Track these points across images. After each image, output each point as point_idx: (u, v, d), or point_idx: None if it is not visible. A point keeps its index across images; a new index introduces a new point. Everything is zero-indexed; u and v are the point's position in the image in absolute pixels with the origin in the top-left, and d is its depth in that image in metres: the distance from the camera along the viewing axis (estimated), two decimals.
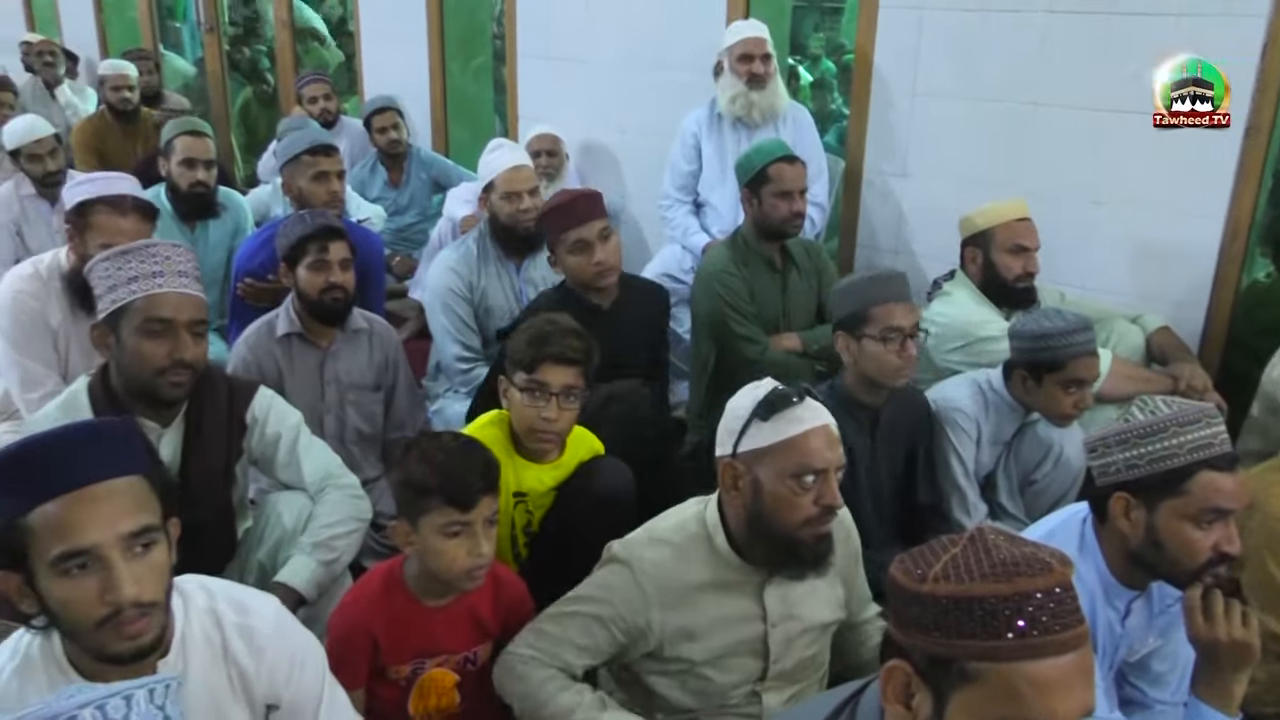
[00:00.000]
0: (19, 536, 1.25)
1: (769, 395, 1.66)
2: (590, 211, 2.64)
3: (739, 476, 1.68)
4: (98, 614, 1.25)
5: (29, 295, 2.70)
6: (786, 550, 1.68)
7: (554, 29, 4.46)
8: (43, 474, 1.26)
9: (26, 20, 7.71)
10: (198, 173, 3.55)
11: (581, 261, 2.61)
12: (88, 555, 1.24)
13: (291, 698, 1.50)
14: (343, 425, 2.68)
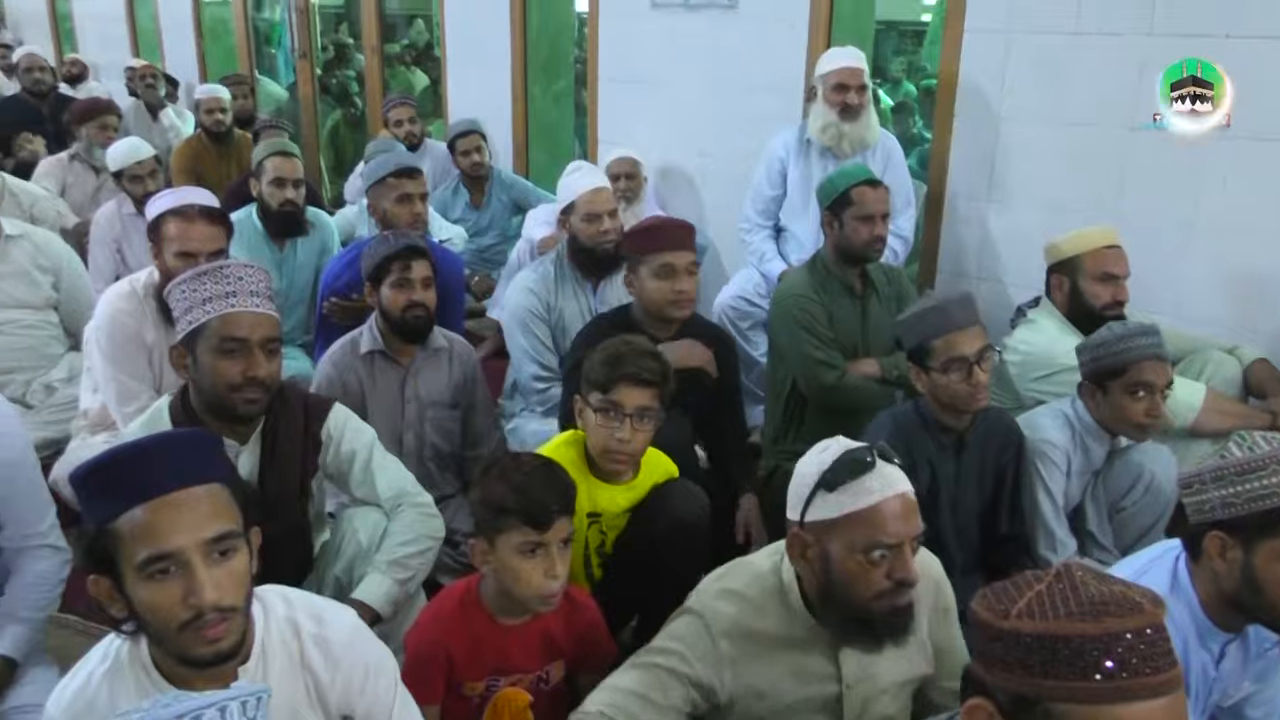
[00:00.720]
0: (108, 541, 1.30)
1: (835, 463, 1.57)
2: (684, 240, 2.63)
3: (807, 547, 1.61)
4: (180, 617, 1.28)
5: (125, 313, 2.80)
6: (860, 623, 1.59)
7: (635, 53, 4.50)
8: (129, 481, 1.30)
9: (132, 46, 8.08)
10: (287, 192, 3.65)
11: (664, 287, 2.58)
12: (171, 559, 1.28)
13: (365, 708, 1.51)
14: (421, 442, 2.72)
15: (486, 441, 2.84)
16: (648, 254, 2.59)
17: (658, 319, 2.62)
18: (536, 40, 5.21)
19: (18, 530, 2.07)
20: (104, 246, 4.01)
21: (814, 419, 2.95)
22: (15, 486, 2.05)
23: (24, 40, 8.61)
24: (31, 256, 3.36)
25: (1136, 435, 2.35)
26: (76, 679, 1.41)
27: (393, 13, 7.18)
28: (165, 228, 2.70)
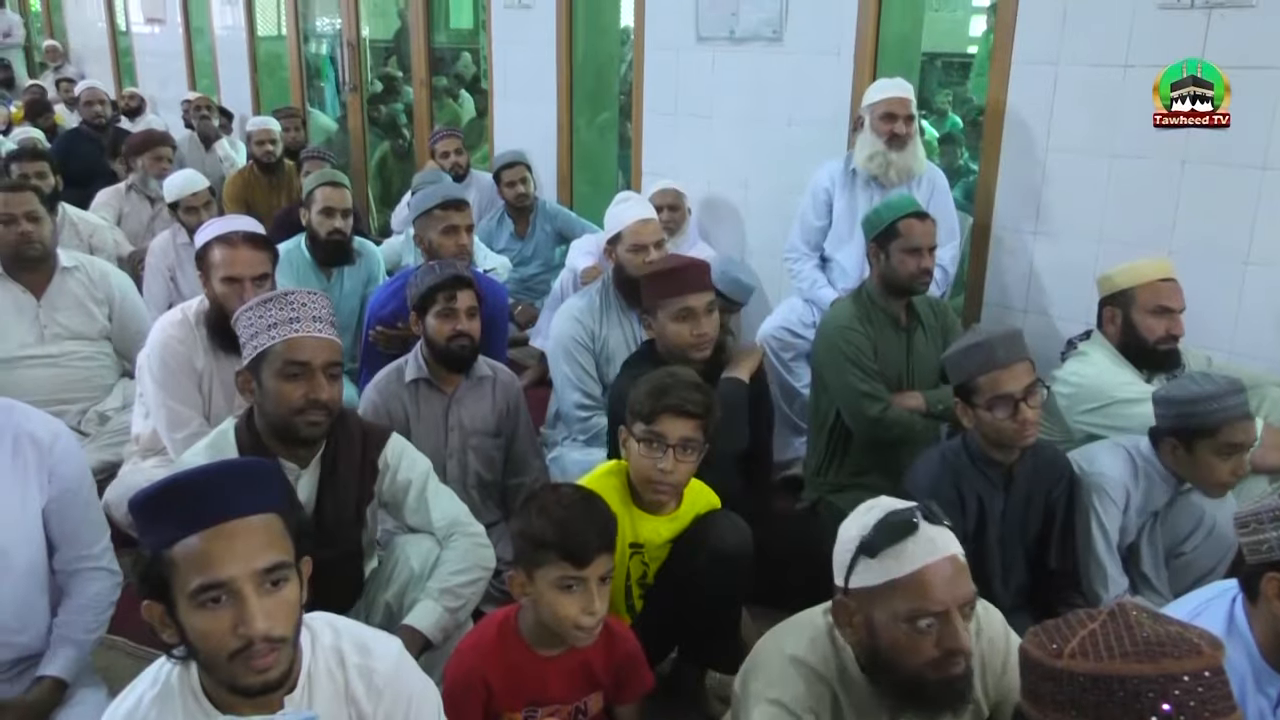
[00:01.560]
0: (163, 568, 1.31)
1: (877, 527, 1.49)
2: (701, 281, 2.60)
3: (852, 614, 1.53)
4: (230, 646, 1.29)
5: (176, 340, 2.85)
6: (914, 693, 1.50)
7: (680, 86, 4.53)
8: (186, 510, 1.32)
9: (189, 80, 8.29)
10: (335, 221, 3.71)
11: (683, 330, 2.56)
12: (224, 589, 1.29)
13: None
14: (464, 470, 2.73)
15: (529, 470, 2.84)
16: (666, 298, 2.57)
17: (678, 360, 2.56)
18: (582, 72, 5.27)
19: (73, 553, 2.10)
20: (158, 275, 4.10)
21: (857, 452, 2.93)
22: (72, 511, 2.09)
23: (86, 74, 8.88)
24: (87, 288, 3.44)
25: (1215, 492, 2.29)
26: (127, 701, 1.43)
27: (441, 46, 7.31)
28: (211, 254, 2.76)
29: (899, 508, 1.52)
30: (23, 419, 2.06)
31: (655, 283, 2.62)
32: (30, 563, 2.04)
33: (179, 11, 8.29)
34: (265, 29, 7.75)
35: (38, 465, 2.04)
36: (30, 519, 2.04)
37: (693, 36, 4.38)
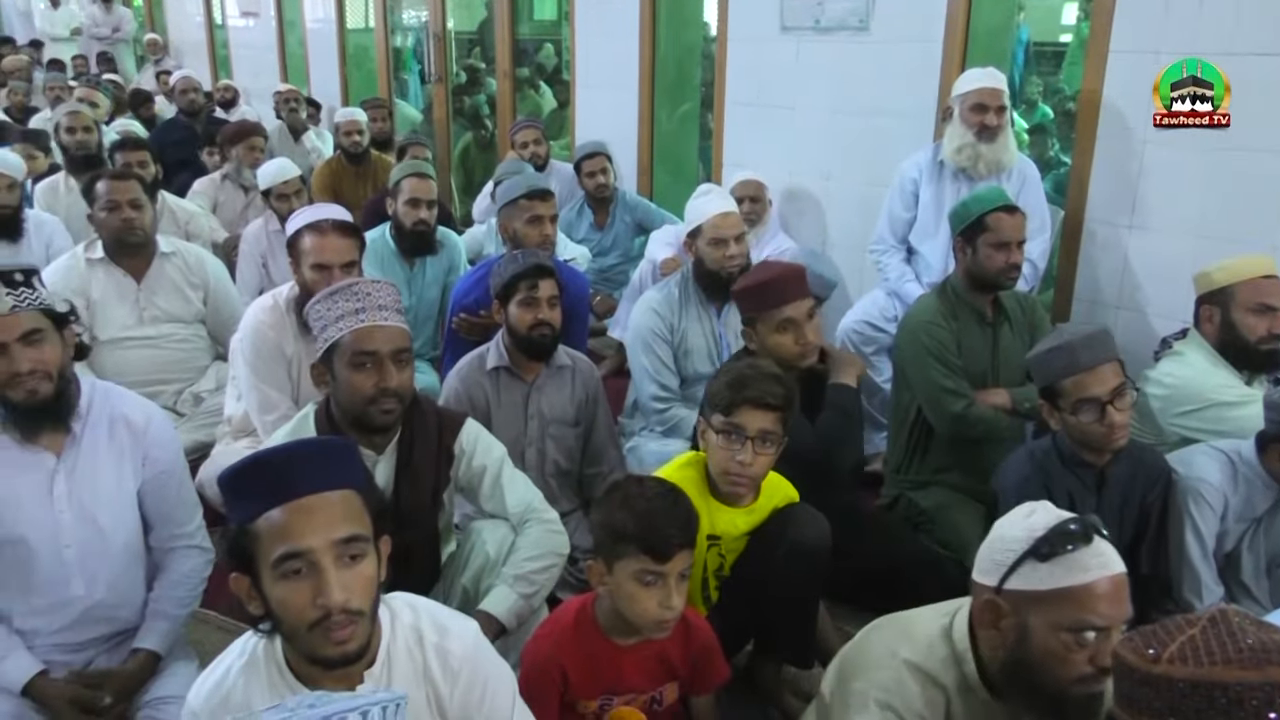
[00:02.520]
0: (249, 541, 1.36)
1: (1051, 532, 1.44)
2: (799, 290, 2.53)
3: (1002, 616, 1.48)
4: (309, 617, 1.33)
5: (267, 326, 2.93)
6: (1051, 706, 1.46)
7: (764, 76, 4.49)
8: (269, 484, 1.37)
9: (280, 72, 8.51)
10: (421, 212, 3.76)
11: (786, 341, 2.50)
12: (303, 559, 1.33)
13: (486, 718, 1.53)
14: (543, 458, 2.76)
15: (606, 459, 2.86)
16: (765, 310, 2.51)
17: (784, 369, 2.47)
18: (663, 63, 5.26)
19: (167, 531, 2.18)
20: (251, 261, 4.22)
21: (939, 449, 2.88)
22: (166, 491, 2.17)
23: (183, 66, 9.17)
24: (184, 273, 3.55)
25: None
26: (215, 672, 1.48)
27: (524, 38, 7.37)
28: (301, 242, 2.82)
29: (1068, 516, 1.48)
30: (119, 402, 2.14)
31: (752, 295, 2.56)
32: (127, 541, 2.13)
33: (273, 5, 8.51)
34: (354, 22, 7.91)
35: (133, 448, 2.12)
36: (127, 499, 2.12)
37: (776, 27, 4.34)
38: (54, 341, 1.98)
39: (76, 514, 2.03)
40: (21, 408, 1.95)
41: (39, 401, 1.95)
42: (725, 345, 3.10)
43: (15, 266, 1.98)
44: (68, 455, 2.04)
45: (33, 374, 1.92)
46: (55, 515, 2.02)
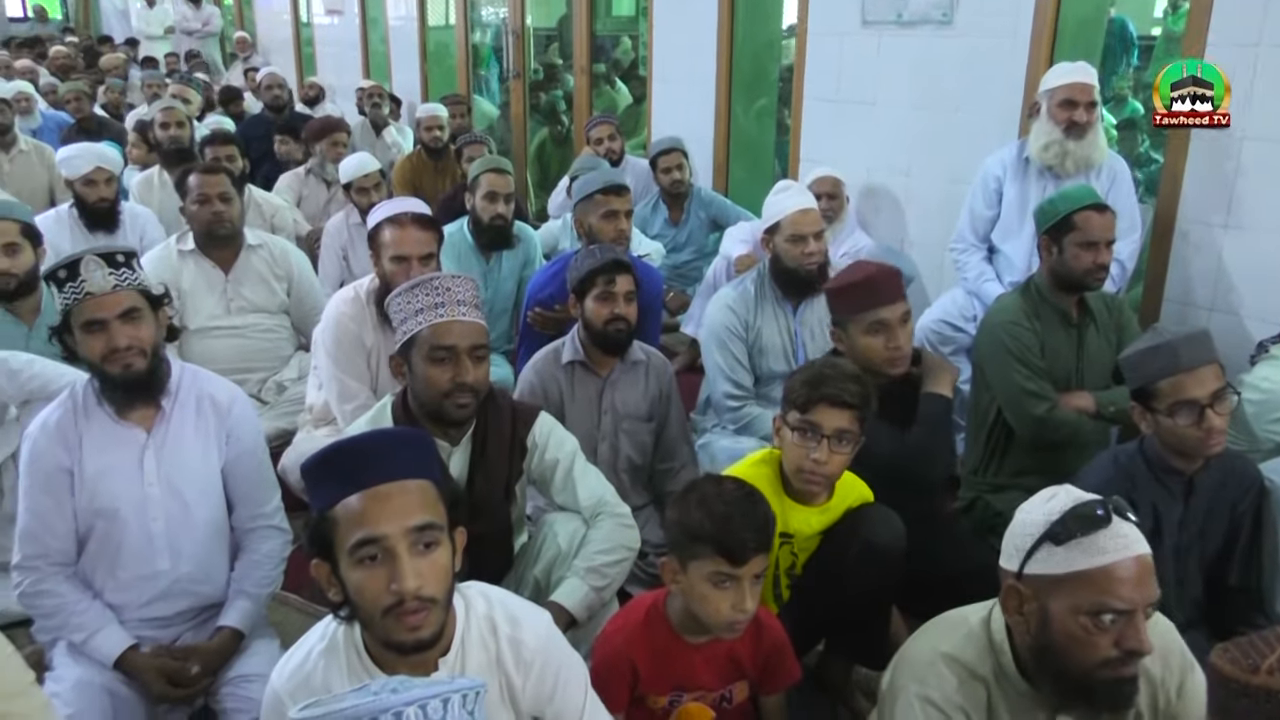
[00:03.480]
0: (328, 527, 1.40)
1: (1066, 515, 1.43)
2: (894, 292, 2.46)
3: (1024, 601, 1.47)
4: (384, 602, 1.36)
5: (348, 318, 2.99)
6: (1079, 691, 1.45)
7: (843, 71, 4.44)
8: (347, 471, 1.41)
9: (363, 69, 8.69)
10: (498, 206, 3.81)
11: (876, 344, 2.43)
12: (378, 545, 1.36)
13: (555, 712, 1.55)
14: (616, 453, 2.77)
15: (679, 455, 2.85)
16: (857, 311, 2.45)
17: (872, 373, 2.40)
18: (740, 58, 5.23)
19: (248, 511, 2.26)
20: (332, 253, 4.32)
21: (1019, 452, 2.81)
22: (248, 469, 2.24)
23: (270, 63, 9.42)
24: (269, 265, 3.65)
25: None
26: (297, 655, 1.52)
27: (602, 33, 7.40)
28: (382, 234, 2.88)
29: (1087, 499, 1.46)
30: (205, 382, 2.23)
31: (845, 295, 2.49)
32: (211, 517, 2.21)
33: (356, 3, 8.69)
34: (435, 19, 8.03)
35: (218, 426, 2.20)
36: (212, 476, 2.20)
37: (858, 20, 4.28)
38: (149, 321, 2.08)
39: (164, 488, 2.12)
40: (117, 382, 2.04)
41: (134, 376, 2.04)
42: (800, 343, 3.07)
43: (117, 248, 2.09)
44: (157, 431, 2.12)
45: (129, 349, 2.02)
46: (144, 489, 2.10)
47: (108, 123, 6.87)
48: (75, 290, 2.00)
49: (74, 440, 2.08)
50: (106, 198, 4.06)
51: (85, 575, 2.14)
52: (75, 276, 1.99)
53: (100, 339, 2.01)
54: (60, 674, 2.05)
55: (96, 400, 2.10)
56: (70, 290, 2.00)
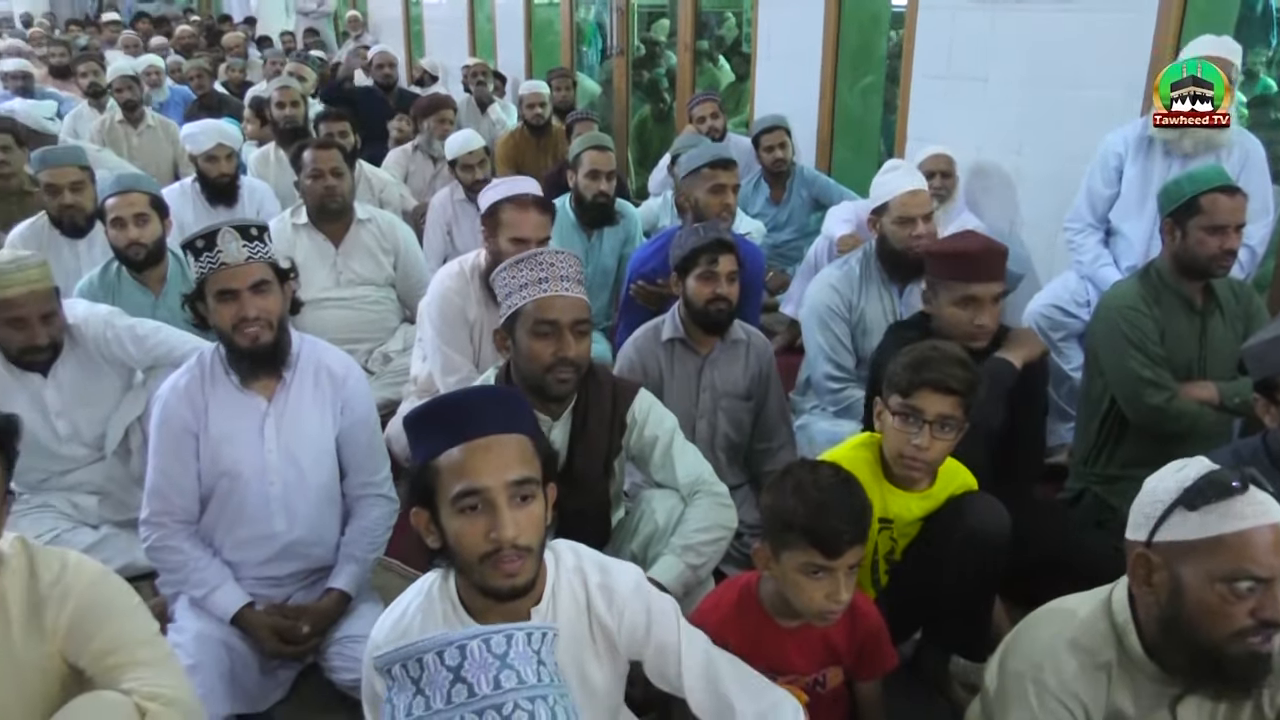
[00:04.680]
0: (430, 477, 1.46)
1: (1202, 480, 1.40)
2: (993, 270, 2.43)
3: (1154, 570, 1.44)
4: (482, 549, 1.42)
5: (454, 292, 3.05)
6: (1209, 665, 1.41)
7: (955, 47, 4.31)
8: (451, 424, 1.47)
9: (469, 46, 8.80)
10: (600, 184, 3.82)
11: (963, 318, 2.42)
12: (479, 496, 1.42)
13: (655, 650, 1.61)
14: (713, 431, 2.76)
15: (777, 435, 2.83)
16: (951, 279, 2.43)
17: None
18: (847, 34, 5.12)
19: (359, 479, 2.33)
20: (437, 229, 4.40)
21: (1132, 442, 2.70)
22: (360, 438, 2.32)
23: (380, 41, 9.62)
24: (377, 239, 3.75)
25: None
26: (395, 611, 1.59)
27: (707, 9, 7.34)
28: (501, 213, 2.90)
29: (1220, 468, 1.42)
30: (322, 353, 2.30)
31: (944, 261, 2.47)
32: (324, 484, 2.29)
33: None
34: None
35: (333, 396, 2.28)
36: (326, 444, 2.28)
37: None
38: (276, 293, 2.17)
39: (282, 454, 2.21)
40: (244, 351, 2.14)
41: (260, 346, 2.13)
42: None
43: (251, 222, 2.18)
44: (278, 400, 2.21)
45: (257, 320, 2.11)
46: (264, 454, 2.20)
47: (227, 99, 7.13)
48: (211, 260, 2.09)
49: (200, 405, 2.18)
50: (227, 173, 4.22)
51: (206, 534, 2.25)
52: (212, 246, 2.09)
53: (231, 308, 2.10)
54: (182, 625, 2.16)
55: (223, 368, 2.20)
56: (206, 259, 2.09)
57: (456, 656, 1.00)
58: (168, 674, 1.61)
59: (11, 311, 2.47)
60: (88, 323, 2.65)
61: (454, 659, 0.99)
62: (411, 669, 1.01)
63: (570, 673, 1.54)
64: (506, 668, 1.00)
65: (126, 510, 2.70)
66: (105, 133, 5.85)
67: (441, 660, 1.00)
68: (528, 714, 0.98)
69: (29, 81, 6.74)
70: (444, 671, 0.99)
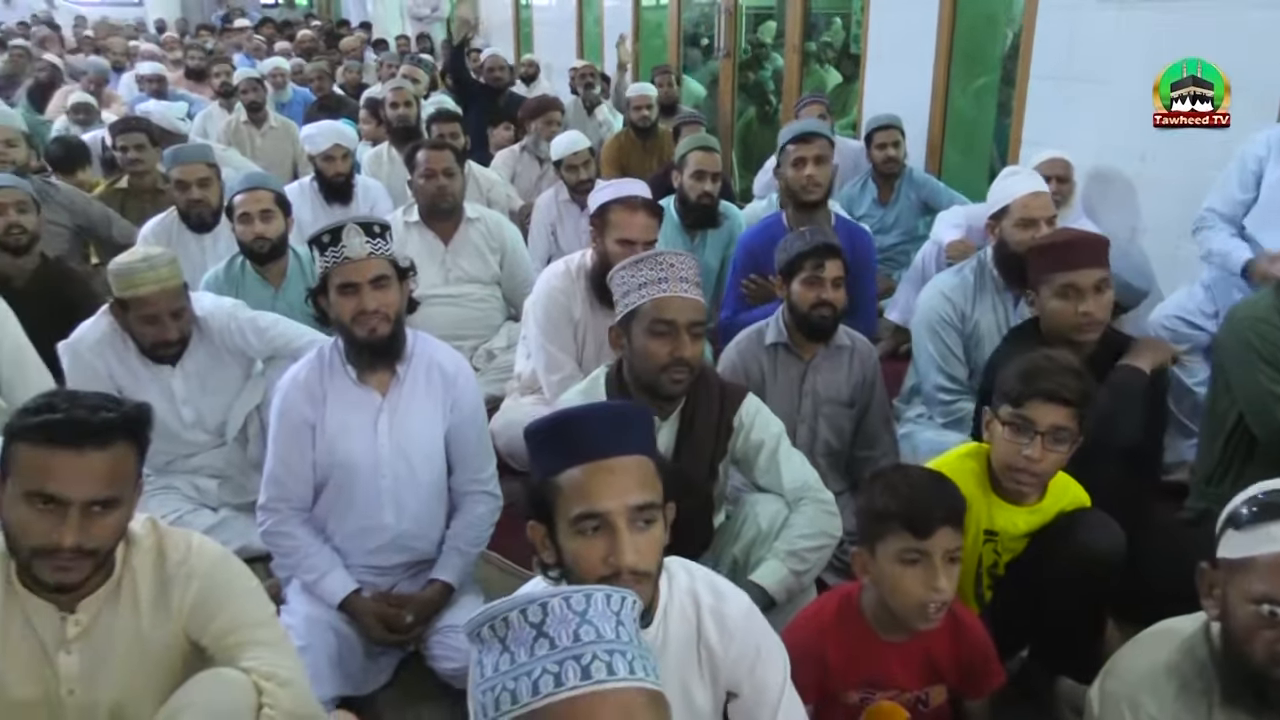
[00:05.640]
0: (550, 493, 1.43)
1: (1249, 499, 1.41)
2: (1093, 256, 2.38)
3: (1213, 586, 1.47)
4: (599, 572, 1.38)
5: (559, 291, 3.09)
6: (1250, 685, 1.41)
7: (1076, 48, 4.17)
8: (573, 443, 1.43)
9: (577, 48, 8.90)
10: (705, 185, 3.82)
11: (1066, 308, 2.36)
12: (600, 519, 1.38)
13: (753, 688, 1.55)
14: (814, 437, 2.73)
15: (879, 444, 2.78)
16: (1050, 272, 2.38)
17: (1063, 342, 2.37)
18: (961, 35, 5.01)
19: (466, 475, 2.38)
20: (542, 228, 4.46)
21: (1261, 463, 2.55)
22: (468, 436, 2.37)
23: (491, 44, 9.81)
24: (485, 238, 3.83)
25: None
26: None
27: (816, 11, 7.26)
28: (609, 215, 2.94)
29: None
30: (434, 350, 2.36)
31: (1041, 256, 2.45)
32: (432, 479, 2.35)
33: None
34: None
35: (444, 394, 2.33)
36: (435, 441, 2.34)
37: None
38: (396, 289, 2.22)
39: (394, 449, 2.27)
40: (362, 343, 2.20)
41: (378, 340, 2.20)
42: None
43: (374, 220, 2.25)
44: (391, 395, 2.28)
45: (376, 314, 2.17)
46: (377, 448, 2.26)
47: (345, 100, 7.36)
48: (335, 254, 2.16)
49: (319, 396, 2.26)
50: (343, 172, 4.36)
51: (318, 521, 2.33)
52: (337, 242, 2.16)
53: (352, 301, 2.17)
54: (293, 608, 2.24)
55: (341, 362, 2.27)
56: (331, 254, 2.17)
57: (539, 613, 1.01)
58: (283, 655, 1.68)
59: (144, 309, 2.59)
60: (213, 315, 2.77)
61: (536, 615, 1.01)
62: (498, 628, 1.03)
63: (674, 691, 1.52)
64: (586, 623, 1.01)
65: (244, 494, 2.82)
66: (231, 133, 6.11)
67: (525, 617, 1.01)
68: (605, 665, 0.98)
69: (163, 84, 7.08)
70: (527, 628, 1.01)
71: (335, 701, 2.11)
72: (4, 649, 1.58)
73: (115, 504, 1.54)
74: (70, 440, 1.49)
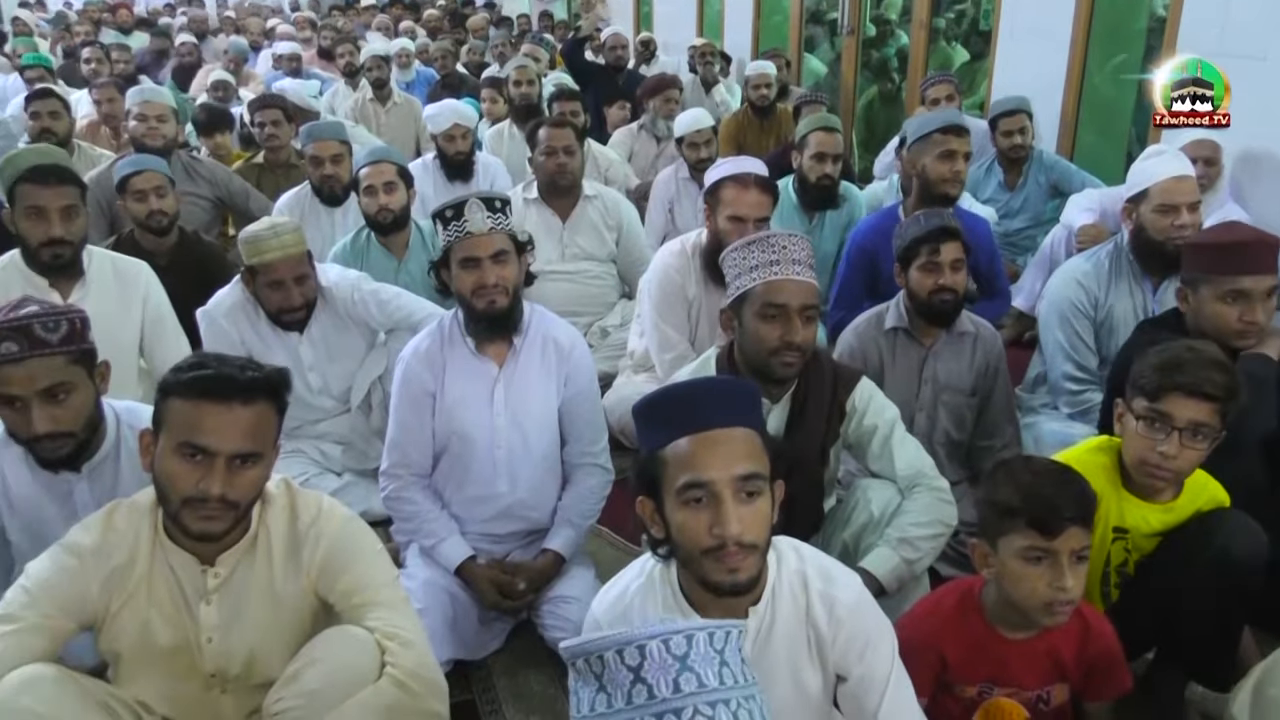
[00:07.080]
0: (657, 466, 1.45)
1: None
2: (1266, 262, 2.24)
3: None
4: (705, 543, 1.40)
5: (674, 269, 3.09)
6: None
7: (1229, 21, 3.92)
8: (679, 415, 1.44)
9: (697, 26, 8.84)
10: (825, 166, 3.75)
11: (1229, 314, 2.24)
12: (705, 489, 1.39)
13: (861, 674, 1.53)
14: (933, 425, 2.66)
15: (1001, 434, 2.70)
16: (1215, 273, 2.25)
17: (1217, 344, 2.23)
18: (1103, 12, 4.77)
19: (578, 448, 2.42)
20: (659, 206, 4.46)
21: None
22: (581, 409, 2.40)
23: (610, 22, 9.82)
24: (602, 215, 3.85)
25: None
26: (615, 589, 1.61)
27: None
28: (722, 192, 2.92)
29: None
30: (550, 325, 2.39)
31: (1206, 254, 2.31)
32: (546, 451, 2.39)
33: None
34: None
35: (559, 367, 2.36)
36: (549, 413, 2.38)
37: None
38: (514, 263, 2.27)
39: (509, 420, 2.32)
40: (481, 316, 2.26)
41: (496, 312, 2.25)
42: None
43: (495, 195, 2.29)
44: (508, 366, 2.33)
45: (495, 287, 2.23)
46: (493, 419, 2.32)
47: (468, 79, 7.49)
48: (458, 228, 2.22)
49: (439, 367, 2.32)
50: (463, 150, 4.44)
51: (437, 488, 2.40)
52: (459, 216, 2.21)
53: (473, 274, 2.22)
54: (412, 572, 2.31)
55: (461, 333, 2.33)
56: (454, 228, 2.22)
57: (636, 656, 0.99)
58: (405, 616, 1.74)
59: (270, 275, 2.72)
60: (338, 286, 2.87)
61: (633, 659, 0.99)
62: (594, 664, 1.01)
63: (784, 674, 1.52)
64: (686, 670, 0.99)
65: (366, 460, 2.92)
66: (358, 110, 6.29)
67: (621, 659, 1.00)
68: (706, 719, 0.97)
69: (298, 63, 7.33)
70: (624, 670, 0.99)
71: (450, 664, 2.17)
72: (151, 598, 1.68)
73: (257, 459, 1.63)
74: (219, 394, 1.58)
